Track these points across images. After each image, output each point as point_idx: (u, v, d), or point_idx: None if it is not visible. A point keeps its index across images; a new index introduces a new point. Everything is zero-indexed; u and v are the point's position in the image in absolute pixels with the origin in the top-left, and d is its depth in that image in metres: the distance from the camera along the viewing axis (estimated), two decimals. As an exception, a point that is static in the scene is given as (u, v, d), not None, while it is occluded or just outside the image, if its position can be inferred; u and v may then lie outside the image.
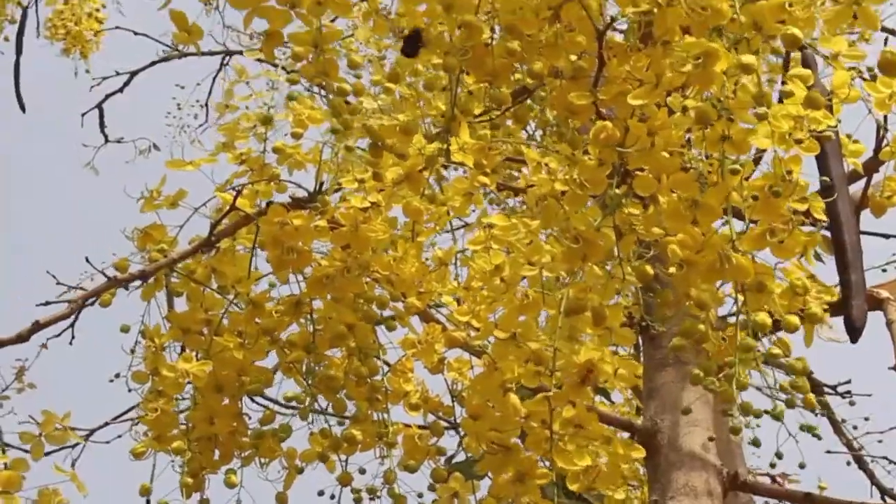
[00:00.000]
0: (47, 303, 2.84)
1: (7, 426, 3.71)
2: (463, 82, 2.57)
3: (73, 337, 3.22)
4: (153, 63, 5.17)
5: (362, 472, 2.95)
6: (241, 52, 4.85)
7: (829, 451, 4.39)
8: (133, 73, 5.19)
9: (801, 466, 3.74)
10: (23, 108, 5.51)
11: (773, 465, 3.69)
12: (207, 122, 6.38)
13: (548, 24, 2.48)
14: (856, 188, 3.59)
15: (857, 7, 2.31)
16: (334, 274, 2.76)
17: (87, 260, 2.87)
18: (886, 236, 4.18)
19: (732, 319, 2.55)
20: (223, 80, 6.32)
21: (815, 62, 2.74)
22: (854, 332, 2.53)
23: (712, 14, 2.21)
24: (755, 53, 2.32)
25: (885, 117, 2.91)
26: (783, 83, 2.77)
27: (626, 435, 3.56)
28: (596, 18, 2.47)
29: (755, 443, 2.82)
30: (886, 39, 3.15)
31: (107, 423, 4.74)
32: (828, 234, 2.90)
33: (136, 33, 5.03)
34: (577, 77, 2.46)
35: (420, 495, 3.05)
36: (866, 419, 4.60)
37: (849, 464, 4.64)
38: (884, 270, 4.03)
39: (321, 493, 3.01)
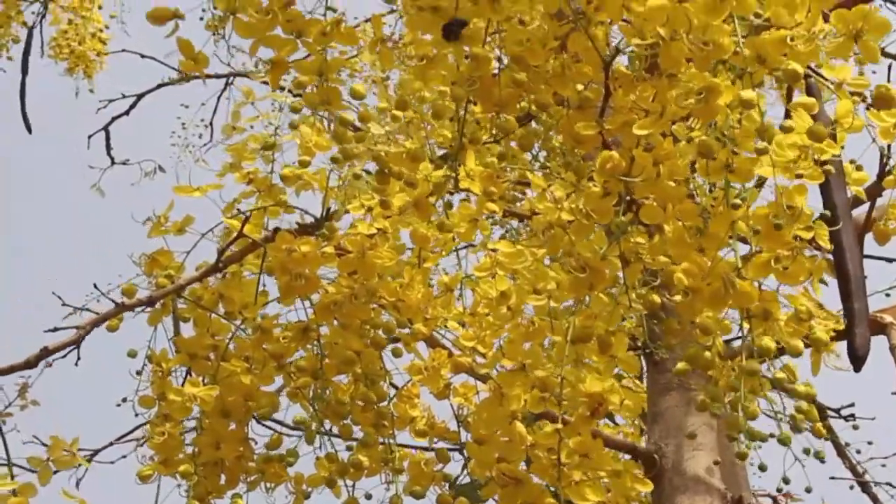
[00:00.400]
0: (55, 329, 2.87)
1: (9, 444, 3.70)
2: (470, 111, 2.59)
3: (78, 358, 3.24)
4: (159, 86, 5.19)
5: (368, 497, 2.96)
6: (246, 75, 4.88)
7: (833, 478, 4.39)
8: (139, 97, 5.22)
9: (808, 490, 3.75)
10: (29, 129, 5.54)
11: (779, 490, 3.69)
12: (212, 141, 6.40)
13: (554, 54, 2.51)
14: (859, 212, 3.61)
15: (857, 40, 2.33)
16: (342, 301, 2.78)
17: (95, 286, 2.90)
18: (889, 260, 4.20)
19: (737, 343, 2.58)
20: (228, 99, 6.35)
21: (818, 91, 2.77)
22: (857, 361, 2.55)
23: (714, 49, 2.23)
24: (758, 85, 2.34)
25: (889, 146, 2.93)
26: (787, 113, 2.79)
27: (629, 457, 3.59)
28: (602, 49, 2.49)
29: (762, 468, 2.83)
30: (890, 66, 3.17)
31: (111, 444, 4.75)
32: (830, 257, 2.92)
33: (142, 56, 5.06)
34: (584, 107, 2.48)
35: (425, 521, 3.06)
36: (870, 443, 4.60)
37: (852, 487, 4.65)
38: (887, 295, 4.04)
39: (327, 518, 3.02)
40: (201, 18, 2.53)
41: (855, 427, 4.49)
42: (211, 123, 6.37)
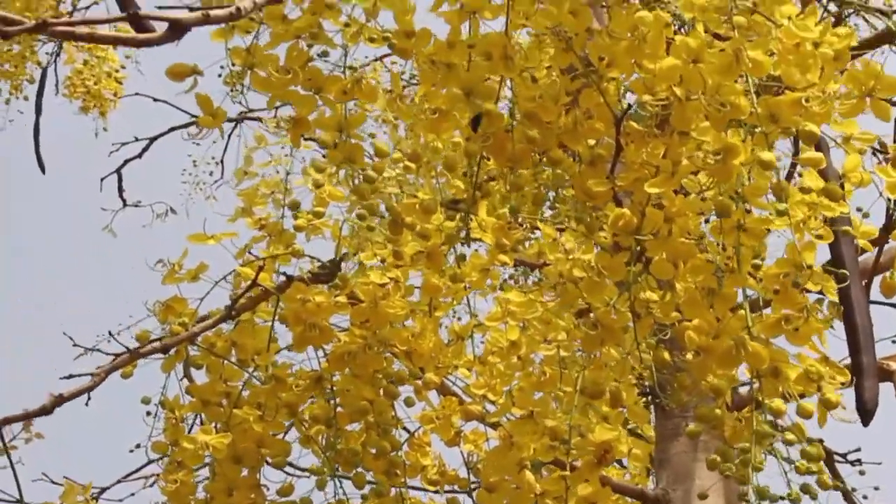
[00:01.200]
0: (70, 376, 2.89)
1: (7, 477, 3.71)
2: (483, 164, 2.63)
3: (88, 398, 3.26)
4: (171, 129, 5.24)
5: (380, 543, 2.98)
6: (259, 119, 4.93)
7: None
8: (151, 140, 5.26)
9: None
10: (42, 170, 5.59)
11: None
12: (223, 178, 6.44)
13: (566, 110, 2.54)
14: (865, 257, 3.64)
15: (869, 99, 2.36)
16: (355, 351, 2.81)
17: (111, 334, 2.92)
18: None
19: (744, 389, 2.60)
20: (239, 136, 6.40)
21: (826, 145, 2.79)
22: (866, 414, 2.57)
23: (732, 109, 2.26)
24: (772, 145, 2.37)
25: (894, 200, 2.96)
26: (793, 164, 2.82)
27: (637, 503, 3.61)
28: (613, 105, 2.53)
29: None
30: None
31: (119, 481, 4.76)
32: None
33: (155, 99, 5.10)
34: (595, 162, 2.51)
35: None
36: (876, 489, 4.60)
37: (859, 532, 4.64)
38: (893, 342, 4.06)
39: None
40: (220, 75, 2.55)
41: (861, 472, 4.50)
42: (222, 161, 6.41)
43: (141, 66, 6.01)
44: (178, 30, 1.98)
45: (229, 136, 6.24)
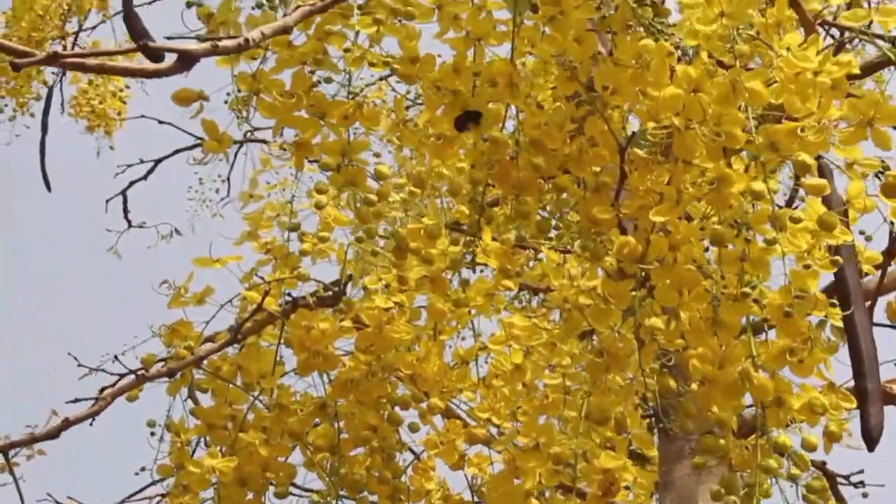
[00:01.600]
0: (76, 400, 2.91)
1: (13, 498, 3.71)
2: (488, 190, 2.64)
3: (92, 419, 3.27)
4: (176, 152, 5.25)
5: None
6: (264, 141, 4.93)
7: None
8: (157, 162, 5.28)
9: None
10: (48, 188, 5.60)
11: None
12: (229, 196, 6.43)
13: (570, 137, 2.56)
14: (869, 278, 3.64)
15: (869, 127, 2.37)
16: (359, 378, 2.82)
17: (117, 358, 2.94)
18: (899, 328, 4.20)
19: (749, 412, 2.60)
20: (245, 154, 6.39)
21: (830, 171, 2.80)
22: (871, 441, 2.57)
23: (727, 139, 2.28)
24: (772, 173, 2.38)
25: (898, 224, 2.97)
26: (794, 190, 2.83)
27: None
28: (617, 132, 2.54)
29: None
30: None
31: (123, 501, 4.76)
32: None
33: (160, 122, 5.11)
34: (600, 189, 2.52)
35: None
36: (879, 511, 4.60)
37: (862, 555, 4.63)
38: (896, 365, 4.05)
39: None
40: (226, 102, 2.56)
41: (864, 495, 4.49)
42: (228, 178, 6.40)
43: (146, 86, 6.03)
44: (187, 61, 2.00)
45: (235, 154, 6.25)
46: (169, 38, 2.28)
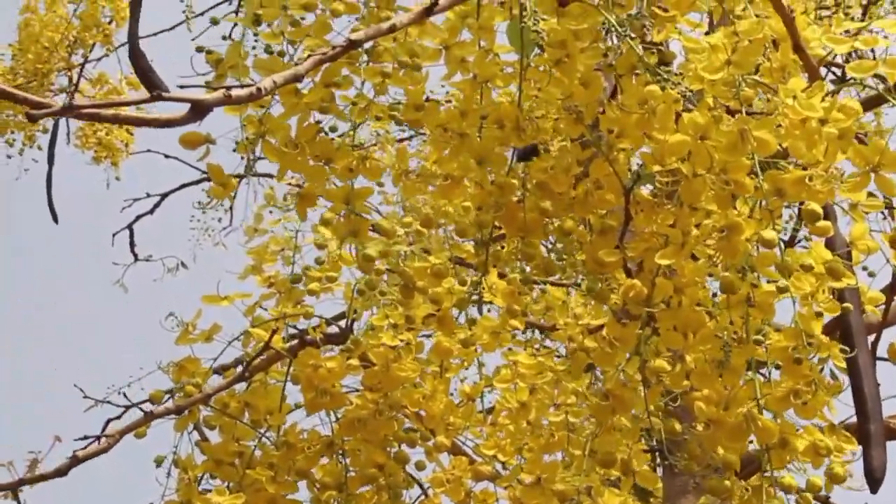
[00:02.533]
0: (85, 437, 2.92)
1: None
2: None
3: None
4: (182, 186, 5.29)
5: None
6: (269, 175, 4.97)
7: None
8: (163, 196, 5.31)
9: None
10: (55, 220, 5.63)
11: None
12: (231, 225, 6.46)
13: (576, 180, 2.58)
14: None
15: (874, 174, 2.39)
16: (366, 417, 2.84)
17: (126, 396, 2.96)
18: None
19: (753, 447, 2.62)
20: (247, 183, 6.41)
21: (833, 212, 2.83)
22: (874, 483, 2.60)
23: (736, 187, 2.30)
24: (778, 216, 2.41)
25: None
26: (795, 230, 2.84)
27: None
28: (623, 174, 2.57)
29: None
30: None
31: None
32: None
33: (166, 156, 5.14)
34: (606, 232, 2.55)
35: None
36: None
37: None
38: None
39: None
40: (234, 150, 2.58)
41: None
42: (231, 207, 6.43)
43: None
44: (200, 110, 2.02)
45: (238, 182, 6.26)
46: (181, 87, 2.30)
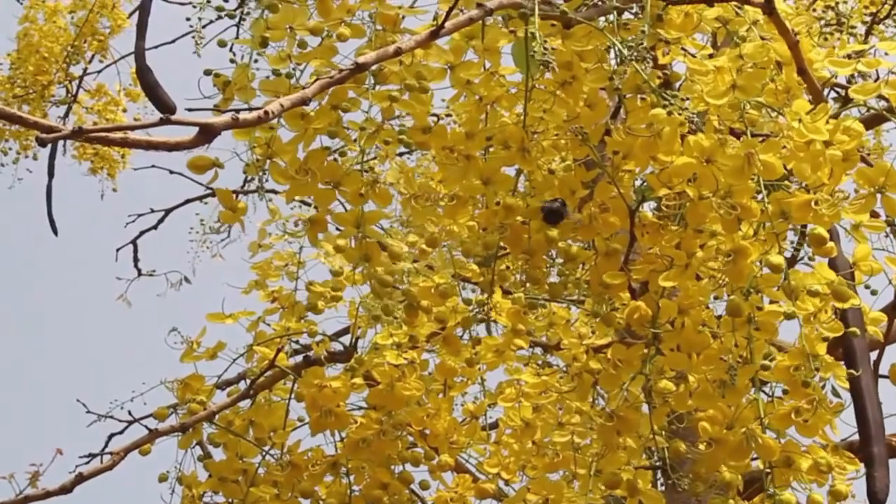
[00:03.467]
0: (89, 454, 2.94)
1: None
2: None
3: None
4: (186, 202, 5.30)
5: None
6: (273, 191, 4.97)
7: None
8: (167, 211, 5.32)
9: None
10: (55, 232, 5.63)
11: None
12: (229, 237, 6.46)
13: (581, 202, 2.59)
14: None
15: (880, 195, 2.40)
16: (371, 438, 2.84)
17: (130, 413, 2.96)
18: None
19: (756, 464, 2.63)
20: (246, 194, 6.41)
21: (836, 233, 2.84)
22: None
23: (743, 212, 2.31)
24: (783, 238, 2.42)
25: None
26: (797, 249, 2.86)
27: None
28: (628, 196, 2.58)
29: None
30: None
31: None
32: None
33: (171, 172, 5.15)
34: (610, 255, 2.56)
35: None
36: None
37: None
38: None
39: None
40: (245, 174, 2.58)
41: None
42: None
43: (149, 131, 6.04)
44: (208, 134, 2.03)
45: (237, 195, 6.26)
46: (189, 110, 2.31)
